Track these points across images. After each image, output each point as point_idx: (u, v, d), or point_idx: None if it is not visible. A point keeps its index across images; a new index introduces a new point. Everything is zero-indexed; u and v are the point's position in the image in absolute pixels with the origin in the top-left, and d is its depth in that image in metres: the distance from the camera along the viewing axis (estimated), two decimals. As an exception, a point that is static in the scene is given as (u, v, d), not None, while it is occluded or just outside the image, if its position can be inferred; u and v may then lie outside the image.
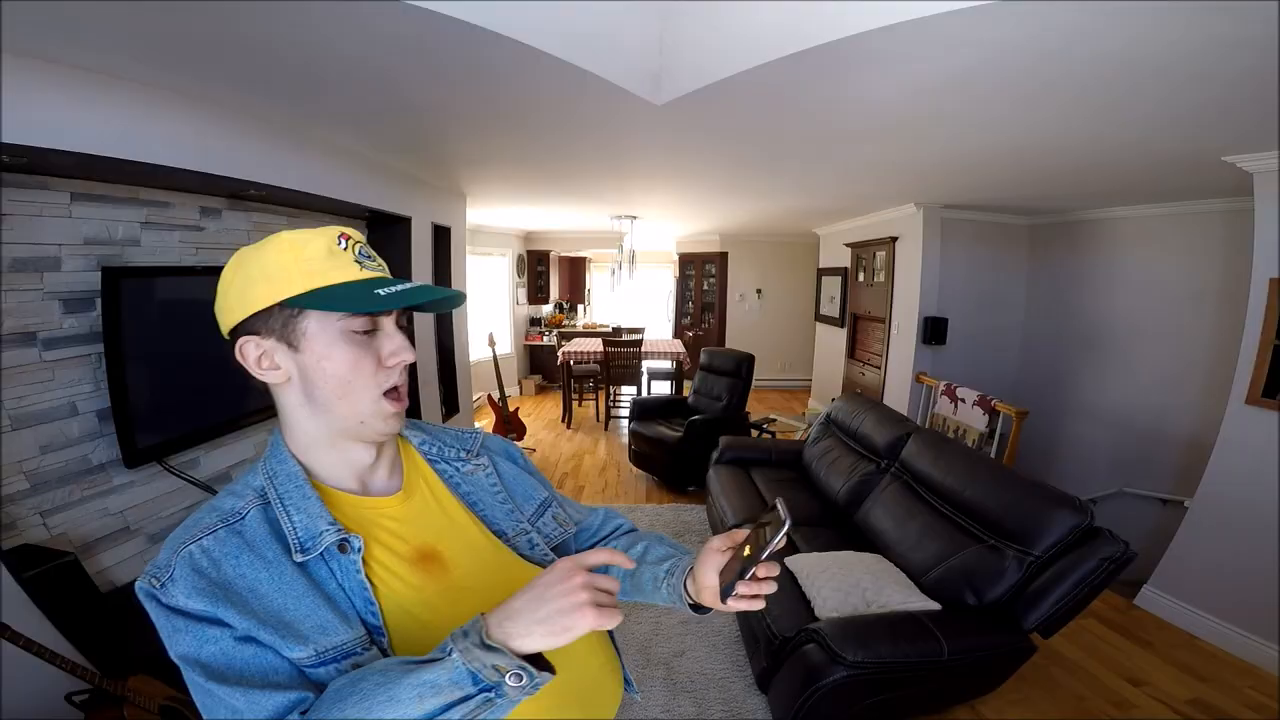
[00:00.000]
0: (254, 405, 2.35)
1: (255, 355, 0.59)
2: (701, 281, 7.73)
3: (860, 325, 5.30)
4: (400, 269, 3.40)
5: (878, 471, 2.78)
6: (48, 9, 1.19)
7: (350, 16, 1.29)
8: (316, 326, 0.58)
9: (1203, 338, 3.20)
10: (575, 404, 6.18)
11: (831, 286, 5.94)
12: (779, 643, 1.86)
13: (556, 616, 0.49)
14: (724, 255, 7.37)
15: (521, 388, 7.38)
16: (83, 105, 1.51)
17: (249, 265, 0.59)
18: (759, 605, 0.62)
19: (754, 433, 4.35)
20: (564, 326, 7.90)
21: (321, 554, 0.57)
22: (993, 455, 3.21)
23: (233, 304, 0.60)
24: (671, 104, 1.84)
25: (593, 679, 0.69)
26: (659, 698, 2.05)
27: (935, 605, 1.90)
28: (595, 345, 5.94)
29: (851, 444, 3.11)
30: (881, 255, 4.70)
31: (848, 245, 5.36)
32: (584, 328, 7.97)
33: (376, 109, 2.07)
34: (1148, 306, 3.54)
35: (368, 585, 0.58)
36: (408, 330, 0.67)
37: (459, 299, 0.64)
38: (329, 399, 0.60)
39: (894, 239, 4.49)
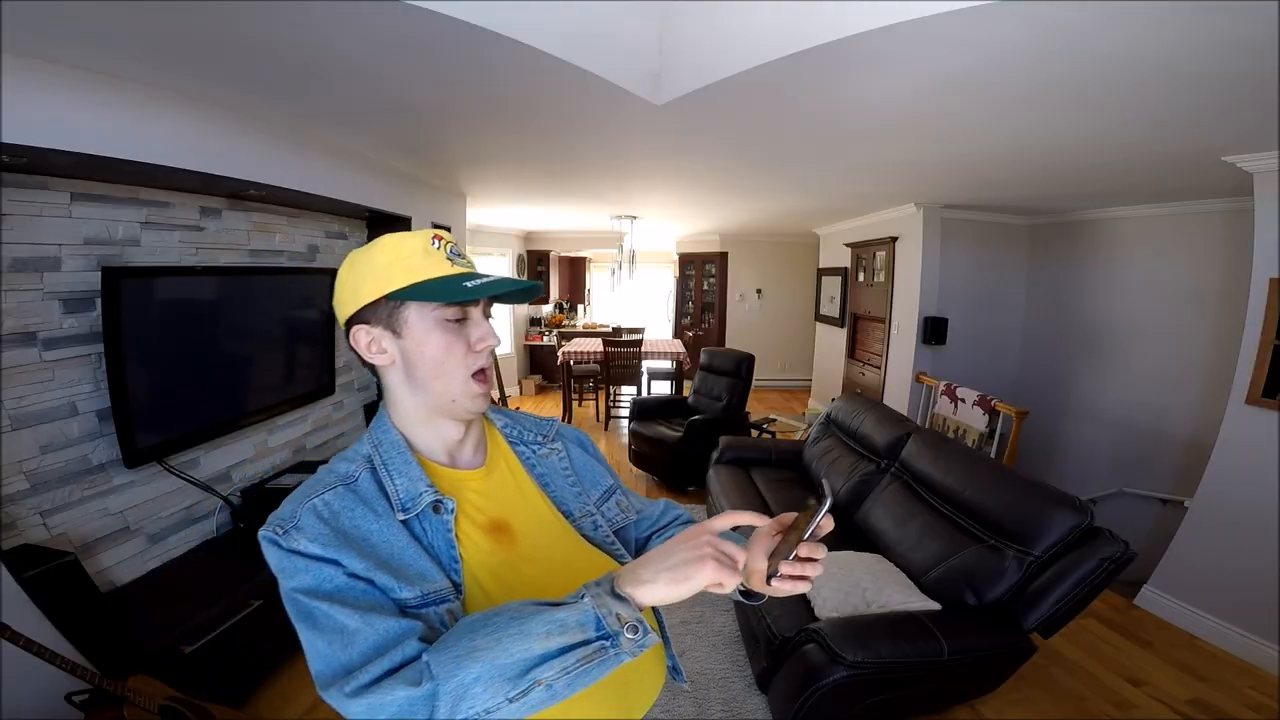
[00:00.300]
0: (254, 405, 2.35)
1: (365, 341, 0.68)
2: (701, 281, 7.73)
3: (860, 325, 5.30)
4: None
5: (878, 471, 2.78)
6: (48, 9, 1.19)
7: (350, 16, 1.29)
8: (416, 316, 0.67)
9: (1203, 338, 3.20)
10: (575, 404, 6.17)
11: (831, 286, 5.94)
12: (779, 643, 1.86)
13: (681, 566, 0.54)
14: (724, 255, 7.37)
15: (521, 388, 7.38)
16: (83, 105, 1.51)
17: (359, 265, 0.68)
18: (804, 587, 0.63)
19: (754, 433, 4.35)
20: (564, 326, 7.90)
21: (420, 514, 0.65)
22: (993, 455, 3.21)
23: (347, 298, 0.68)
24: (671, 104, 1.84)
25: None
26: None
27: (935, 605, 1.90)
28: (595, 345, 5.93)
29: (851, 444, 3.11)
30: (881, 255, 4.70)
31: (848, 245, 5.36)
32: (584, 328, 7.96)
33: (377, 109, 2.07)
34: (1148, 306, 3.54)
35: (455, 544, 0.65)
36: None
37: (538, 290, 0.73)
38: (426, 379, 0.68)
39: (894, 239, 4.49)
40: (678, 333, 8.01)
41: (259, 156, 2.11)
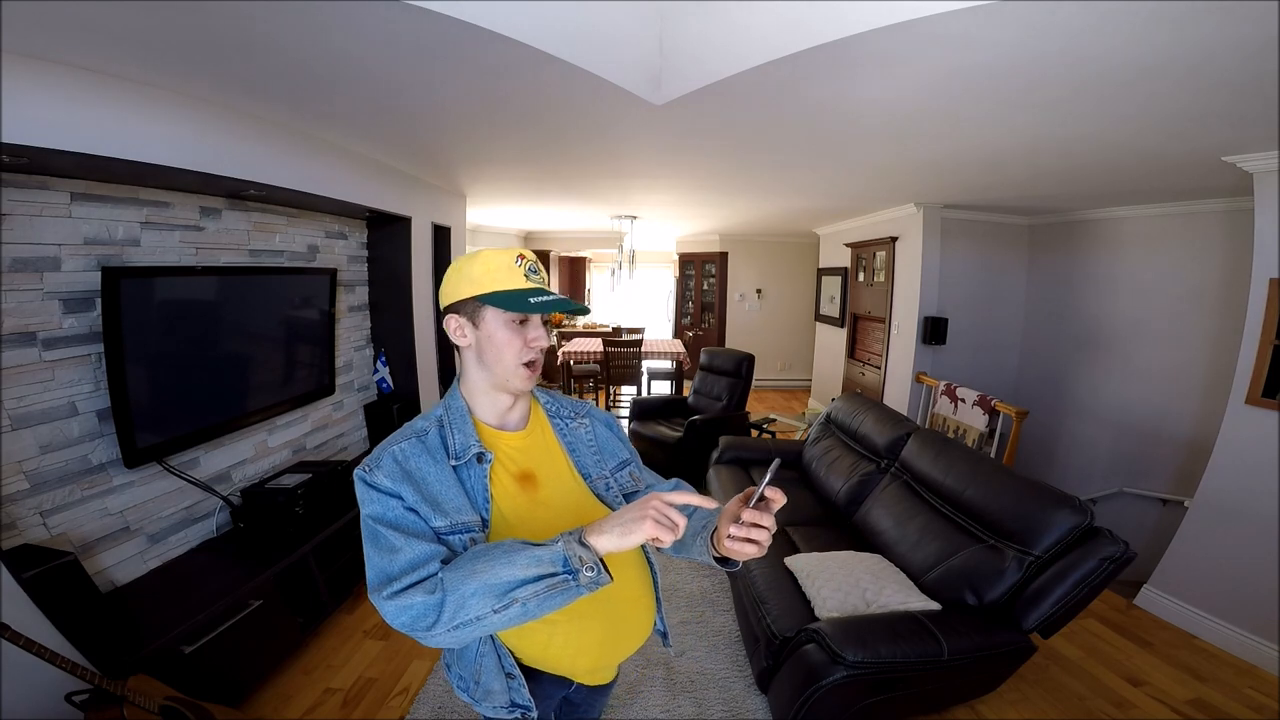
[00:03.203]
0: (254, 405, 2.35)
1: (454, 327, 0.90)
2: (701, 281, 7.73)
3: (860, 325, 5.30)
4: (400, 269, 3.42)
5: (878, 471, 2.77)
6: (48, 9, 1.19)
7: (350, 16, 1.29)
8: (491, 315, 0.88)
9: (1203, 338, 3.20)
10: (575, 404, 6.15)
11: (831, 286, 5.94)
12: (779, 643, 1.86)
13: (628, 523, 0.71)
14: (724, 255, 7.37)
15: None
16: (83, 105, 1.51)
17: (462, 269, 0.89)
18: (751, 550, 0.75)
19: (754, 433, 4.35)
20: (564, 326, 7.89)
21: (466, 462, 0.86)
22: (993, 455, 3.21)
23: (448, 293, 0.90)
24: (671, 104, 1.84)
25: (631, 598, 0.96)
26: (659, 698, 2.04)
27: (935, 605, 1.90)
28: (595, 345, 5.93)
29: (851, 444, 3.11)
30: (881, 255, 4.70)
31: (848, 245, 5.36)
32: (584, 328, 7.96)
33: (376, 109, 2.07)
34: (1148, 306, 3.54)
35: (488, 486, 0.87)
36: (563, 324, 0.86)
37: (585, 311, 0.91)
38: (490, 362, 0.90)
39: (894, 239, 4.49)
40: (678, 333, 8.01)
41: (259, 156, 2.11)
